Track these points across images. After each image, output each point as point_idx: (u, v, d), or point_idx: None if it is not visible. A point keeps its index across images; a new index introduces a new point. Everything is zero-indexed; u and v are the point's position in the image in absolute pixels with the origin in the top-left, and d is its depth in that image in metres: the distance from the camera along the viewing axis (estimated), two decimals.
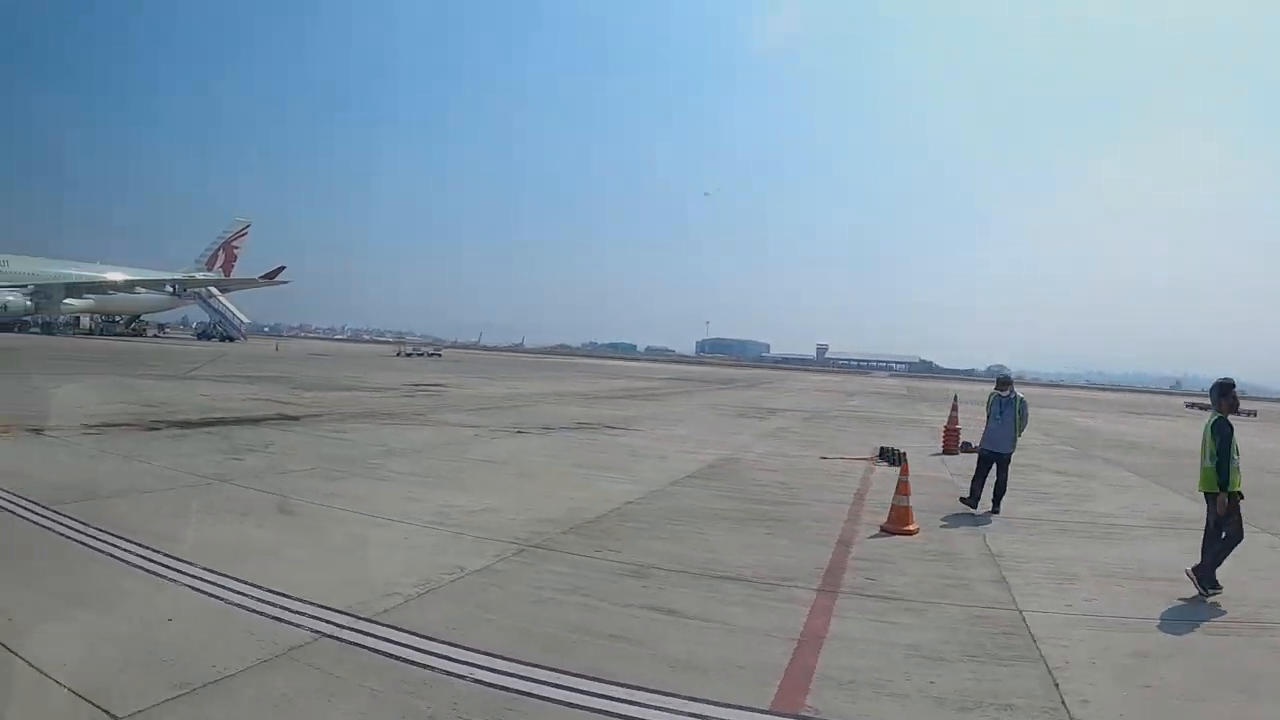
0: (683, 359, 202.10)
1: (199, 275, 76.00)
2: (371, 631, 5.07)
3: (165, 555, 6.40)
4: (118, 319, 73.89)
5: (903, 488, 9.26)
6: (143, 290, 69.70)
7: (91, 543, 6.68)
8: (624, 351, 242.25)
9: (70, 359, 33.36)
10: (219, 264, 79.72)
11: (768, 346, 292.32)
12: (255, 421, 15.65)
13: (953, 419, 18.60)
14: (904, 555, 8.02)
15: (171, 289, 72.35)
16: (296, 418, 16.85)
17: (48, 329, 62.34)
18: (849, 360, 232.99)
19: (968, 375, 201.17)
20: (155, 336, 75.79)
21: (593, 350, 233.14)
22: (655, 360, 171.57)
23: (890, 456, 15.11)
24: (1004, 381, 11.15)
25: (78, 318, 67.62)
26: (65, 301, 64.80)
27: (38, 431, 12.30)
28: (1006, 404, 10.72)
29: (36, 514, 7.44)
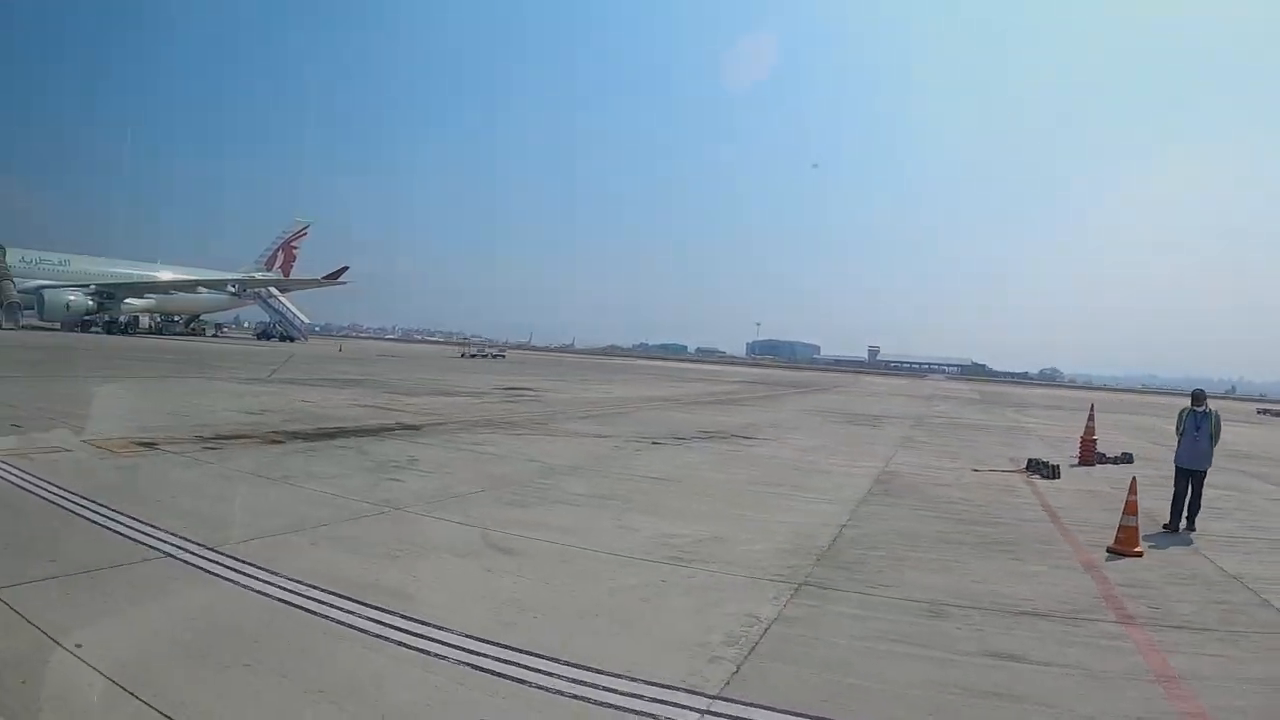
0: (734, 360, 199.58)
1: (258, 275, 75.69)
2: (741, 715, 4.18)
3: (402, 617, 5.12)
4: (177, 319, 73.74)
5: (1130, 507, 8.75)
6: (204, 290, 69.39)
7: (298, 601, 5.32)
8: (675, 352, 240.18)
9: (143, 360, 32.60)
10: (278, 264, 79.37)
11: (818, 348, 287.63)
12: (378, 432, 14.27)
13: (1089, 429, 18.07)
14: (1158, 580, 7.60)
15: (233, 289, 71.98)
16: (418, 427, 15.46)
17: (109, 328, 62.07)
18: (901, 362, 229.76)
19: (1022, 379, 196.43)
20: (214, 336, 75.61)
21: (644, 351, 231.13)
22: (707, 362, 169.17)
23: (1042, 469, 14.74)
24: (1199, 396, 10.74)
25: (137, 317, 67.28)
26: (126, 301, 64.61)
27: (151, 446, 10.98)
28: (1203, 419, 10.39)
29: (207, 561, 6.04)
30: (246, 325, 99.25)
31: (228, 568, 5.86)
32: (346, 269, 70.77)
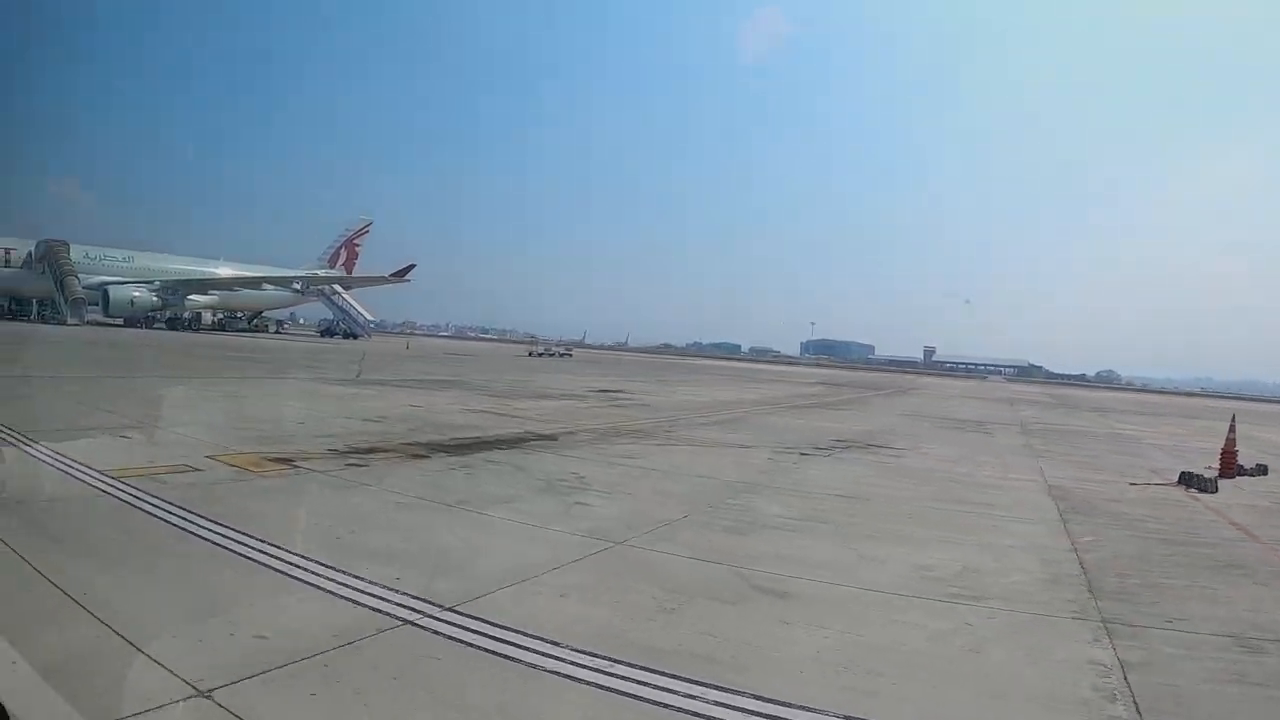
0: (791, 360, 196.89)
1: (321, 273, 75.58)
2: None
3: (754, 698, 4.06)
4: (239, 315, 73.86)
5: None
6: (269, 287, 69.34)
7: (616, 684, 4.13)
8: (729, 352, 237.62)
9: (220, 358, 32.11)
10: (341, 261, 79.34)
11: (872, 348, 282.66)
12: (517, 444, 12.94)
13: (1230, 440, 16.80)
14: None
15: (298, 286, 71.87)
16: (553, 437, 14.11)
17: (172, 324, 62.18)
18: (957, 363, 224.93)
19: (1079, 380, 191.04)
20: (276, 333, 75.59)
21: (699, 350, 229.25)
22: (764, 361, 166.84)
23: (1198, 483, 13.80)
24: None
25: (199, 313, 67.39)
26: (189, 298, 64.74)
27: (287, 462, 9.67)
28: None
29: (459, 629, 4.73)
30: (302, 321, 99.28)
31: (494, 639, 4.53)
32: (414, 266, 70.47)
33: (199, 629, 4.38)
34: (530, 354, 73.39)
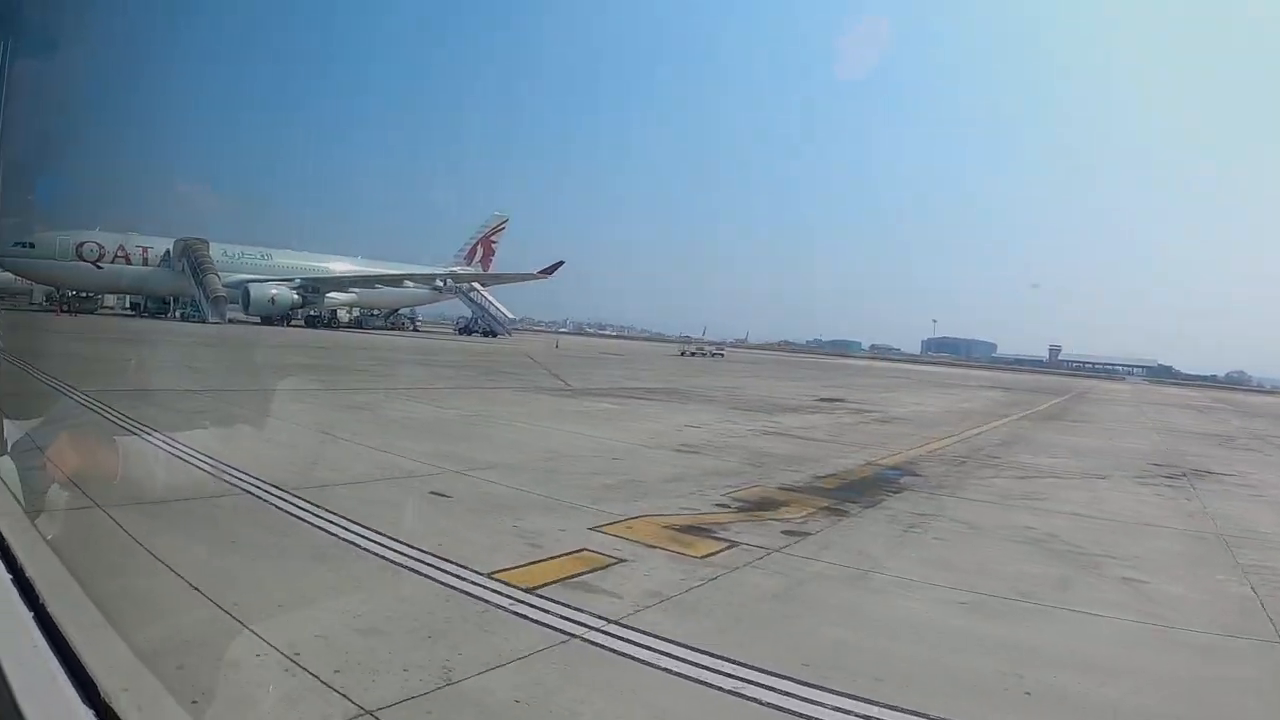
0: (914, 359, 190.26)
1: (460, 269, 75.51)
2: None
3: None
4: (376, 313, 74.11)
5: None
6: (410, 284, 69.40)
7: None
8: (850, 349, 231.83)
9: (403, 362, 31.80)
10: (477, 258, 79.37)
11: (994, 346, 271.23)
12: (890, 484, 11.05)
13: None
14: None
15: (441, 284, 71.89)
16: (911, 471, 12.16)
17: (311, 322, 62.46)
18: (1084, 363, 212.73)
19: (1209, 382, 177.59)
20: (415, 331, 75.70)
21: (819, 347, 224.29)
22: (893, 360, 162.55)
23: None
24: None
25: (335, 311, 67.60)
26: (329, 295, 64.92)
27: (703, 532, 7.33)
28: None
29: None
30: (420, 319, 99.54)
31: None
32: (562, 264, 69.73)
33: None
34: (683, 353, 72.38)
